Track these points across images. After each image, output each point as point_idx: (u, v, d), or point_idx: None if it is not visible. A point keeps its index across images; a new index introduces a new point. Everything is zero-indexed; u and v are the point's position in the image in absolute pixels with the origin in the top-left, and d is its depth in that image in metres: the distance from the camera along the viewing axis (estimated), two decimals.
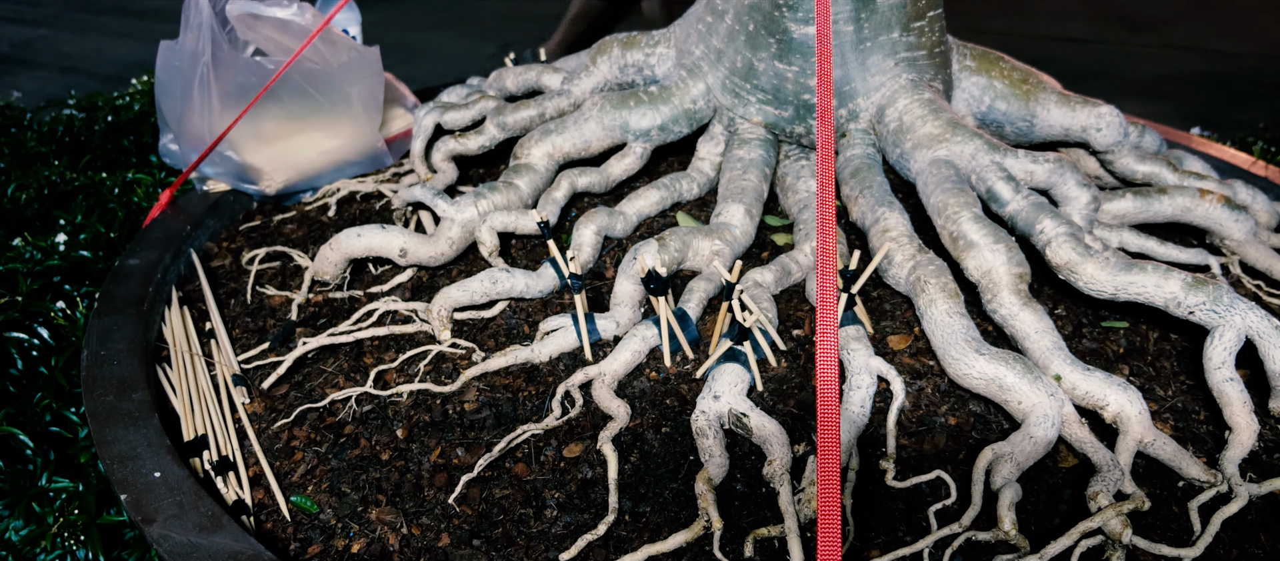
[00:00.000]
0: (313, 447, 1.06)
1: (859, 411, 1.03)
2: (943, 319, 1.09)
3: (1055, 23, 4.58)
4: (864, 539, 0.92)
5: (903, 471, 0.99)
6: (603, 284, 1.28)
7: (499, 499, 0.98)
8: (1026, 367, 1.02)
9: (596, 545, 0.92)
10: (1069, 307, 1.22)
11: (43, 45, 4.13)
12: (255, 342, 1.23)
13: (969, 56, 1.42)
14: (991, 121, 1.41)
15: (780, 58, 1.34)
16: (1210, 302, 1.06)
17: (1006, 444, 0.98)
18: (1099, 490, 0.92)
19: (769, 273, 1.22)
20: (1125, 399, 1.01)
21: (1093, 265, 1.11)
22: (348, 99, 1.44)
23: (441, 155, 1.50)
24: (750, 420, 1.01)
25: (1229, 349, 1.04)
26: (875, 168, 1.33)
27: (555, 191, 1.38)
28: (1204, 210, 1.31)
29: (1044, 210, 1.18)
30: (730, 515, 0.95)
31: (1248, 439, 1.00)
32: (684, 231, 1.26)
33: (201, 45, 1.33)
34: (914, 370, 1.11)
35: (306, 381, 1.16)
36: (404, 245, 1.28)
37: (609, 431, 1.02)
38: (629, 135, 1.43)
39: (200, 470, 1.04)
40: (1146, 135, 1.43)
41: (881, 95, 1.36)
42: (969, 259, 1.15)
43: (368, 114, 1.47)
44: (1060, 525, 0.94)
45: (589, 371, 1.10)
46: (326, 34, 1.41)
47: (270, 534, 0.97)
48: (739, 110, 1.42)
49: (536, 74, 1.63)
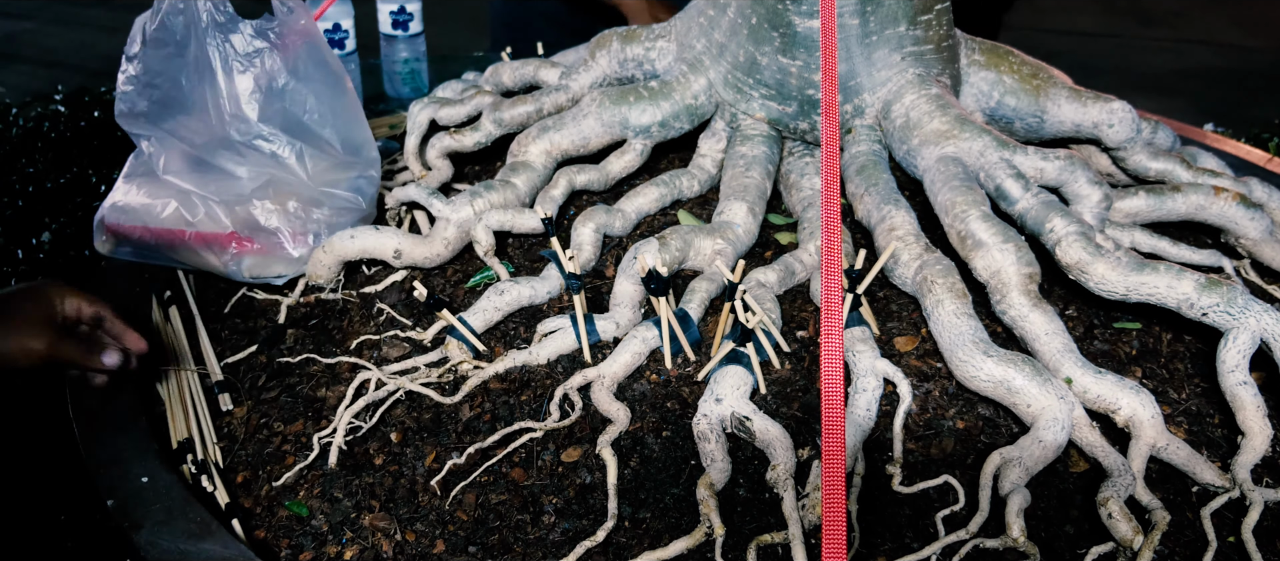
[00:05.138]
0: (304, 452, 1.04)
1: (864, 415, 1.02)
2: (950, 320, 1.08)
3: (1066, 16, 4.56)
4: (869, 545, 0.90)
5: (909, 476, 0.97)
6: (602, 283, 1.26)
7: (495, 504, 0.97)
8: (1036, 370, 1.00)
9: (595, 551, 0.91)
10: (1080, 308, 1.20)
11: (27, 39, 4.11)
12: (245, 344, 1.22)
13: (977, 51, 1.40)
14: (1000, 117, 1.39)
15: (784, 52, 1.32)
16: (1224, 304, 1.04)
17: (1015, 448, 0.96)
18: (1110, 495, 0.91)
19: (772, 272, 1.20)
20: (1138, 402, 0.99)
21: (1104, 265, 1.10)
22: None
23: (436, 152, 1.48)
24: (753, 424, 0.99)
25: (1243, 352, 1.02)
26: (881, 165, 1.31)
27: (553, 189, 1.36)
28: (1218, 208, 1.29)
29: (1054, 209, 1.16)
30: (732, 521, 0.93)
31: (1261, 444, 0.98)
32: (685, 230, 1.24)
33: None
34: (921, 372, 1.09)
35: (298, 384, 1.14)
36: (398, 246, 1.27)
37: (608, 435, 1.01)
38: (629, 131, 1.41)
39: (188, 475, 1.02)
40: (1160, 131, 1.41)
41: (887, 90, 1.34)
42: (977, 258, 1.14)
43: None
44: (1071, 532, 0.93)
45: (588, 373, 1.08)
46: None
47: (261, 540, 0.96)
48: (742, 106, 1.40)
49: (534, 69, 1.61)
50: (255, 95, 1.27)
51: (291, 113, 1.29)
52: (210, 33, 1.25)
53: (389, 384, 1.08)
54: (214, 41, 1.25)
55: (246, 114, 1.26)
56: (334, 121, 1.32)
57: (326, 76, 1.32)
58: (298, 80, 1.29)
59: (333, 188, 1.31)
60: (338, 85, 1.34)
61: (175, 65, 1.25)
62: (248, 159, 1.27)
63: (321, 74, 1.32)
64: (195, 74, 1.25)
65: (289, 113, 1.29)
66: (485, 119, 1.48)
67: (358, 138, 1.35)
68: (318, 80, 1.31)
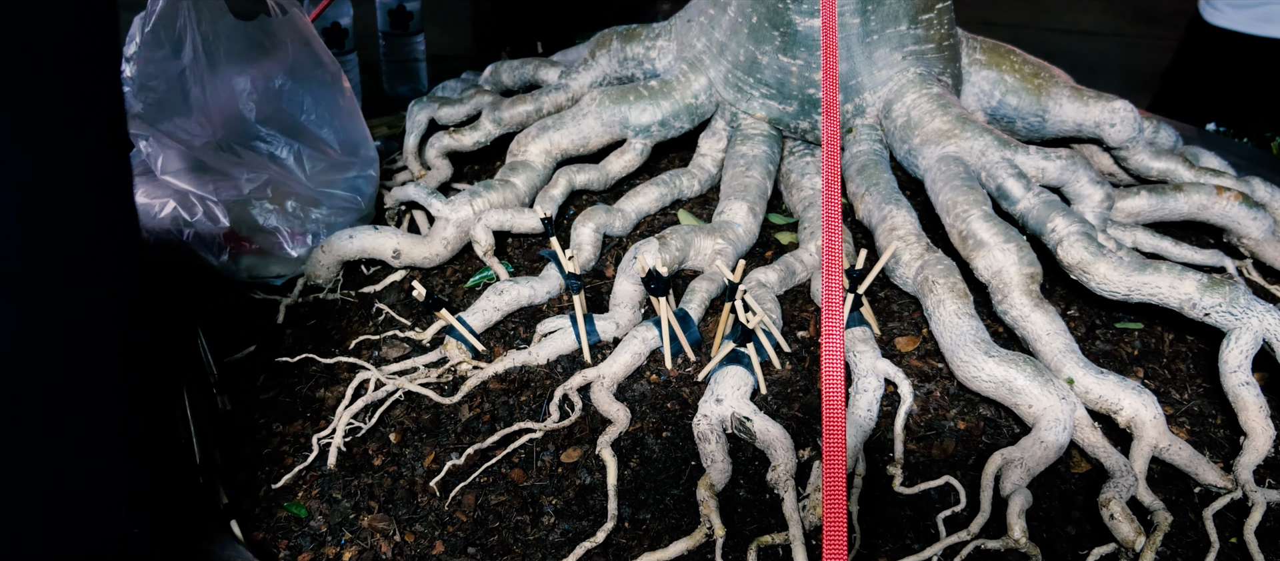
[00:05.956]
0: (302, 452, 1.04)
1: (865, 415, 1.01)
2: (951, 320, 1.07)
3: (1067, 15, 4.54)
4: (870, 546, 0.90)
5: (910, 477, 0.97)
6: (602, 283, 1.26)
7: (495, 505, 0.96)
8: (1037, 370, 1.00)
9: (595, 552, 0.90)
10: (1082, 308, 1.19)
11: None
12: (243, 344, 1.21)
13: (979, 50, 1.40)
14: (1002, 117, 1.38)
15: (784, 51, 1.32)
16: (1226, 304, 1.04)
17: (1016, 449, 0.96)
18: (1112, 496, 0.91)
19: (773, 272, 1.20)
20: (1140, 403, 0.99)
21: (1105, 265, 1.10)
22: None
23: (435, 151, 1.48)
24: (754, 424, 0.99)
25: (1246, 352, 1.02)
26: (882, 164, 1.31)
27: (553, 189, 1.36)
28: (1221, 208, 1.29)
29: (1056, 208, 1.16)
30: (733, 522, 0.93)
31: (1263, 445, 0.98)
32: (685, 230, 1.24)
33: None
34: (922, 372, 1.09)
35: (296, 385, 1.14)
36: (397, 246, 1.27)
37: (608, 436, 1.00)
38: (629, 131, 1.40)
39: None
40: (1162, 130, 1.40)
41: (888, 90, 1.34)
42: (979, 258, 1.13)
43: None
44: (1073, 533, 0.92)
45: (588, 374, 1.08)
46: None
47: (259, 541, 0.95)
48: (742, 105, 1.40)
49: (533, 68, 1.61)
50: (252, 96, 1.27)
51: (288, 113, 1.28)
52: (206, 35, 1.24)
53: (388, 384, 1.08)
54: (210, 43, 1.24)
55: (243, 115, 1.26)
56: (331, 121, 1.32)
57: (323, 76, 1.32)
58: (294, 81, 1.29)
59: (331, 187, 1.30)
60: (334, 85, 1.33)
61: (171, 67, 1.25)
62: (245, 160, 1.26)
63: (318, 74, 1.32)
64: (191, 76, 1.25)
65: (286, 113, 1.28)
66: (485, 118, 1.47)
67: (355, 137, 1.35)
68: (314, 80, 1.31)
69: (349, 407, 1.05)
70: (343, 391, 1.09)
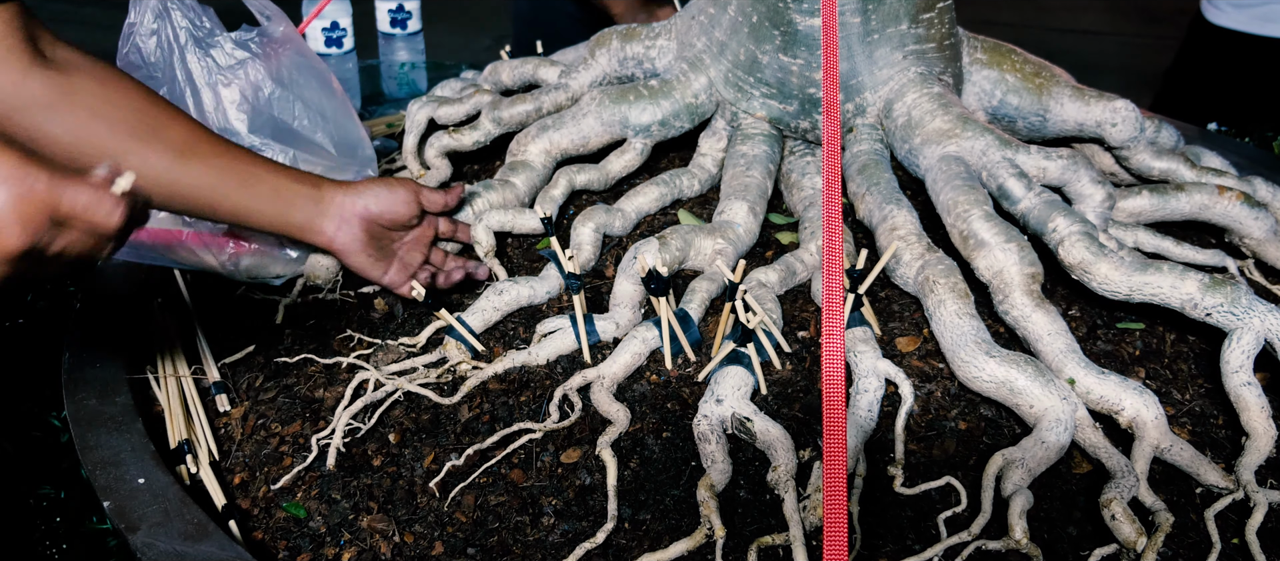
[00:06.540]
0: (301, 453, 1.03)
1: (866, 415, 1.01)
2: (952, 320, 1.07)
3: (1068, 15, 4.54)
4: (871, 546, 0.90)
5: (911, 477, 0.97)
6: (602, 283, 1.25)
7: (494, 506, 0.96)
8: (1038, 370, 1.00)
9: (595, 553, 0.90)
10: (1083, 308, 1.19)
11: None
12: (242, 345, 1.21)
13: (980, 49, 1.39)
14: (1003, 116, 1.38)
15: (784, 50, 1.32)
16: (1228, 304, 1.03)
17: (1017, 449, 0.95)
18: (1113, 497, 0.90)
19: (773, 272, 1.20)
20: (1141, 403, 0.99)
21: (1107, 265, 1.09)
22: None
23: (435, 151, 1.47)
24: (754, 425, 0.98)
25: (1247, 352, 1.01)
26: (882, 164, 1.30)
27: (553, 189, 1.35)
28: (1222, 208, 1.28)
29: (1057, 208, 1.16)
30: (733, 522, 0.92)
31: (1265, 445, 0.98)
32: (685, 229, 1.23)
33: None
34: (923, 373, 1.08)
35: (295, 385, 1.13)
36: None
37: (608, 436, 1.00)
38: (629, 130, 1.40)
39: (185, 476, 1.02)
40: (1163, 130, 1.40)
41: (889, 89, 1.34)
42: (980, 258, 1.13)
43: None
44: (1074, 533, 0.92)
45: (588, 374, 1.08)
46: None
47: (258, 542, 0.95)
48: (742, 105, 1.39)
49: (533, 67, 1.60)
50: (242, 107, 1.26)
51: (281, 120, 1.28)
52: (190, 49, 1.24)
53: (387, 384, 1.08)
54: (195, 57, 1.24)
55: (235, 127, 1.26)
56: (325, 124, 1.31)
57: (313, 81, 1.32)
58: (284, 87, 1.28)
59: None
60: (325, 88, 1.33)
61: (156, 83, 1.25)
62: None
63: (308, 78, 1.31)
64: (181, 90, 1.25)
65: (278, 121, 1.28)
66: (484, 118, 1.47)
67: (352, 137, 1.35)
68: (304, 85, 1.31)
69: (348, 408, 1.05)
70: (342, 392, 1.09)
